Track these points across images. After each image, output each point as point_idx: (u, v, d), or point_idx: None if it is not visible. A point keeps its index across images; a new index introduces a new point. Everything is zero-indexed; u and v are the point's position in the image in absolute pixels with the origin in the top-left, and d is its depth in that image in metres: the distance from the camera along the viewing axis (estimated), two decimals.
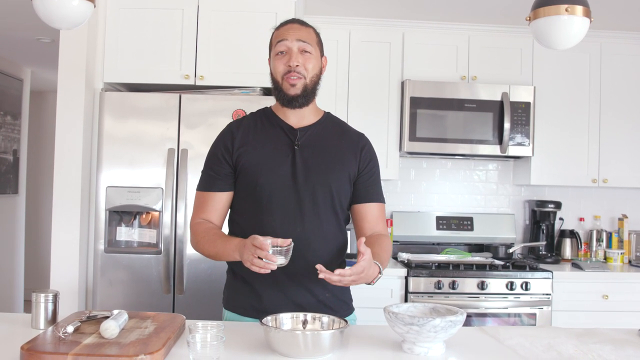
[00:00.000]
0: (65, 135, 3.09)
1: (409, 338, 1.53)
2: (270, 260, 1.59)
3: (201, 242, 1.87)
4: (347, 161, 1.91)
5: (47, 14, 1.93)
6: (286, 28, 1.89)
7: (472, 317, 3.27)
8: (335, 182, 1.88)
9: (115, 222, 3.10)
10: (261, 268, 1.60)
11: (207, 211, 1.91)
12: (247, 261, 1.63)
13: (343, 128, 2.02)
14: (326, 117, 1.98)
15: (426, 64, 3.74)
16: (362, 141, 1.98)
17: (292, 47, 1.84)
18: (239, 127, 1.93)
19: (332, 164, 1.88)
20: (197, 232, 1.89)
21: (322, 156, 1.88)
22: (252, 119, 1.96)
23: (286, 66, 1.83)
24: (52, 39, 4.36)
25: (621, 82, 3.84)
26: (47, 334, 1.51)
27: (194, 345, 1.39)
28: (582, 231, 4.05)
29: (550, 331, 1.82)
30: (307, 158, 1.87)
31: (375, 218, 1.95)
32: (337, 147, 1.92)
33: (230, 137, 1.90)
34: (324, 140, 1.92)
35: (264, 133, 1.91)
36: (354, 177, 1.92)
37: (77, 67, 3.09)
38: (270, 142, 1.89)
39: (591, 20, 1.94)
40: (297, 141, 1.88)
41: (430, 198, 4.11)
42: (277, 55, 1.86)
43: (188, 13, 3.20)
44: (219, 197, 1.91)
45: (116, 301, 3.03)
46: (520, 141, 3.67)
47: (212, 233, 1.86)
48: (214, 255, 1.84)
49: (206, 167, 1.94)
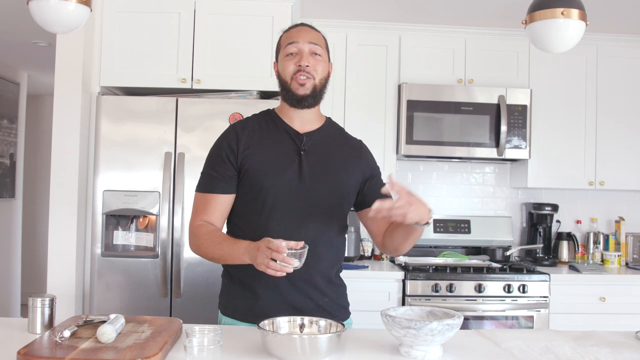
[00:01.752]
0: (62, 139, 3.09)
1: (406, 341, 1.53)
2: (287, 264, 1.57)
3: (204, 244, 1.82)
4: (350, 168, 1.91)
5: (43, 18, 1.92)
6: (297, 30, 1.89)
7: (470, 320, 3.27)
8: (341, 188, 1.88)
9: (112, 226, 3.10)
10: (277, 271, 1.57)
11: (209, 213, 1.87)
12: (262, 264, 1.59)
13: (343, 135, 2.02)
14: (328, 122, 1.99)
15: (423, 67, 3.75)
16: (364, 149, 2.01)
17: (303, 48, 1.85)
18: (243, 128, 1.90)
19: (337, 170, 1.89)
20: (199, 235, 1.84)
21: (328, 162, 1.88)
22: (256, 121, 1.94)
23: (296, 66, 1.83)
24: (48, 42, 4.36)
25: (617, 85, 3.85)
26: (43, 339, 1.50)
27: (191, 350, 1.38)
28: (579, 234, 4.05)
29: (547, 334, 1.82)
30: (313, 164, 1.86)
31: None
32: (341, 154, 1.92)
33: (235, 138, 1.87)
34: (328, 147, 1.92)
35: (269, 136, 1.89)
36: (358, 185, 1.93)
37: (74, 71, 3.09)
38: (276, 145, 1.88)
39: (587, 24, 1.95)
40: (303, 146, 1.87)
41: (428, 201, 4.04)
42: (287, 56, 1.86)
43: (185, 17, 3.20)
44: (221, 199, 1.87)
45: (113, 305, 3.02)
46: (517, 144, 3.68)
47: (216, 235, 1.83)
48: (219, 258, 1.80)
49: (208, 167, 1.90)
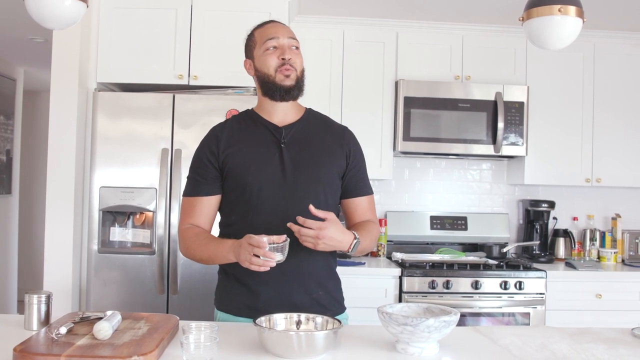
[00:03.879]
0: (58, 135, 3.08)
1: (402, 338, 1.53)
2: (269, 258, 1.60)
3: (192, 247, 1.86)
4: (334, 155, 1.93)
5: (39, 14, 1.91)
6: (273, 26, 1.92)
7: (466, 316, 3.27)
8: (325, 176, 1.90)
9: (109, 223, 3.09)
10: (260, 266, 1.61)
11: (195, 216, 1.91)
12: (245, 261, 1.63)
13: (327, 122, 2.03)
14: (308, 113, 2.00)
15: (420, 63, 3.75)
16: (347, 134, 2.01)
17: (284, 43, 1.88)
18: (222, 129, 1.94)
19: (319, 158, 1.90)
20: (187, 238, 1.89)
21: (309, 152, 1.90)
22: (235, 121, 1.97)
23: (280, 59, 1.85)
24: (45, 38, 4.34)
25: (614, 82, 3.85)
26: (40, 335, 1.50)
27: (188, 346, 1.38)
28: (576, 230, 4.06)
29: (543, 330, 1.82)
30: (294, 155, 1.88)
31: (365, 210, 1.99)
32: (323, 142, 1.94)
33: (215, 140, 1.91)
34: (309, 136, 1.93)
35: (248, 133, 1.92)
36: (342, 171, 1.95)
37: (70, 67, 3.08)
38: (256, 141, 1.90)
39: (584, 21, 1.95)
40: (282, 139, 1.89)
41: (424, 198, 4.11)
42: (267, 51, 1.87)
43: (182, 13, 3.20)
44: (206, 202, 1.91)
45: (110, 302, 3.02)
46: (513, 141, 3.68)
47: (202, 237, 1.87)
48: (207, 259, 1.84)
49: (192, 172, 1.94)
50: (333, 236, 1.70)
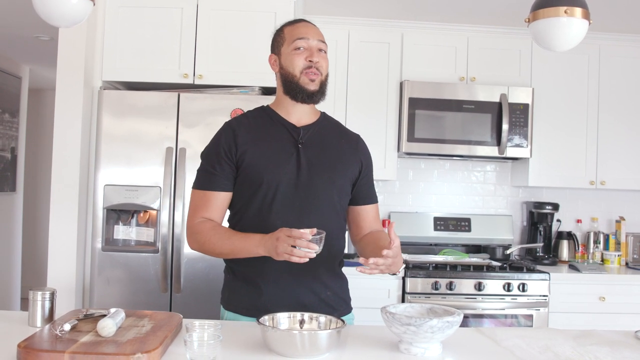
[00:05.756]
0: (63, 133, 3.09)
1: (405, 338, 1.53)
2: (310, 249, 1.60)
3: (211, 240, 1.82)
4: (347, 162, 1.93)
5: (46, 12, 1.92)
6: (304, 26, 1.90)
7: (469, 318, 3.27)
8: (339, 181, 1.90)
9: (113, 221, 3.10)
10: (301, 257, 1.61)
11: (209, 210, 1.87)
12: (285, 253, 1.61)
13: (340, 128, 2.04)
14: (323, 117, 2.00)
15: (425, 64, 3.75)
16: (361, 143, 2.02)
17: (313, 45, 1.86)
18: (239, 125, 1.91)
19: (334, 163, 1.90)
20: (202, 231, 1.84)
21: (325, 155, 1.89)
22: (251, 117, 1.95)
23: (307, 61, 1.84)
24: (51, 36, 4.36)
25: (619, 84, 3.85)
26: (44, 332, 1.50)
27: (191, 344, 1.38)
28: (580, 233, 4.05)
29: (547, 332, 1.82)
30: (310, 157, 1.87)
31: (373, 218, 2.01)
32: (338, 147, 1.94)
33: (232, 134, 1.87)
34: (326, 140, 1.93)
35: (266, 131, 1.90)
36: (354, 178, 1.94)
37: (76, 65, 3.09)
38: (274, 140, 1.88)
39: (590, 22, 1.95)
40: (300, 139, 1.88)
41: (428, 199, 4.11)
42: (295, 50, 1.85)
43: (187, 12, 3.20)
44: (221, 197, 1.87)
45: (113, 300, 3.02)
46: (518, 142, 3.68)
47: (222, 231, 1.84)
48: (229, 252, 1.81)
49: (206, 164, 1.89)
50: (400, 259, 1.73)
